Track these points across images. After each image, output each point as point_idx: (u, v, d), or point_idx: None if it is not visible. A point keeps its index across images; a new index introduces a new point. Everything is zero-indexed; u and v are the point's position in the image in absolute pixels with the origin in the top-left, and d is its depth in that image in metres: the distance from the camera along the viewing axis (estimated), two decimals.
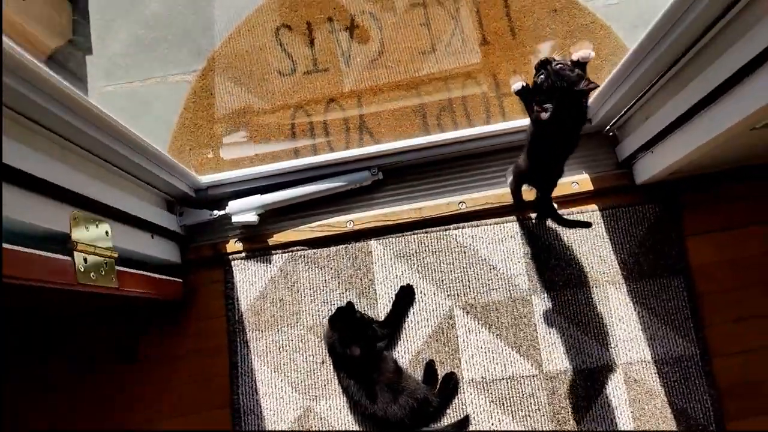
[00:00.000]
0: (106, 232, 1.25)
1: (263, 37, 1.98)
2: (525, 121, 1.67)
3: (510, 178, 1.61)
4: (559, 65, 1.18)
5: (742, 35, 1.05)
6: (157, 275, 1.50)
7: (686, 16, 1.13)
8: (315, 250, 1.71)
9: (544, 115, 1.18)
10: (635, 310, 1.61)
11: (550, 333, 1.62)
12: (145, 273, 1.43)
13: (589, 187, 1.68)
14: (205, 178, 1.68)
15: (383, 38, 1.94)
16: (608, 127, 1.69)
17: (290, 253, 1.71)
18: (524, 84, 1.27)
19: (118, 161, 1.32)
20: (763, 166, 1.60)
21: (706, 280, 1.62)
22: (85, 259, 1.15)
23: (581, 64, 1.21)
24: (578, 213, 1.68)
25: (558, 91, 1.17)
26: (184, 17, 2.05)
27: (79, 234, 1.15)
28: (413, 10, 1.96)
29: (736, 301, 1.60)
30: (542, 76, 1.20)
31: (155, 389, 1.65)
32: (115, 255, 1.25)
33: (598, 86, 1.21)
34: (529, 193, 1.61)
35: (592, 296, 1.63)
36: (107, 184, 1.30)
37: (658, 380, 1.57)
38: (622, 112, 1.58)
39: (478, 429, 1.57)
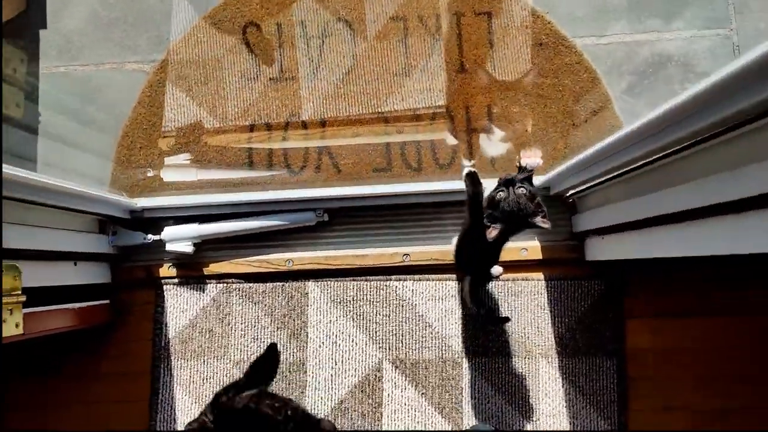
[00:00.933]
0: (15, 276, 1.19)
1: (229, 34, 1.84)
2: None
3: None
4: (522, 192, 1.12)
5: (712, 173, 0.96)
6: (77, 305, 1.46)
7: (661, 136, 1.04)
8: (251, 285, 1.67)
9: (493, 234, 1.13)
10: (563, 386, 1.60)
11: (475, 398, 1.61)
12: (62, 307, 1.38)
13: (538, 255, 1.63)
14: (141, 201, 1.61)
15: (356, 53, 1.81)
16: (569, 194, 1.62)
17: (225, 285, 1.67)
18: (475, 171, 1.22)
19: (38, 201, 1.24)
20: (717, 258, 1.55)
21: (639, 365, 1.60)
22: None
23: (528, 171, 1.16)
24: (523, 280, 1.64)
25: (512, 217, 1.12)
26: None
27: None
28: (392, 23, 1.82)
29: (666, 390, 1.59)
30: (501, 194, 1.15)
31: (74, 406, 1.63)
32: (23, 299, 1.20)
33: (549, 227, 1.15)
34: None
35: (523, 367, 1.62)
36: (20, 224, 1.23)
37: None
38: (583, 187, 1.51)
39: None
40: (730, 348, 1.58)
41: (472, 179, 1.23)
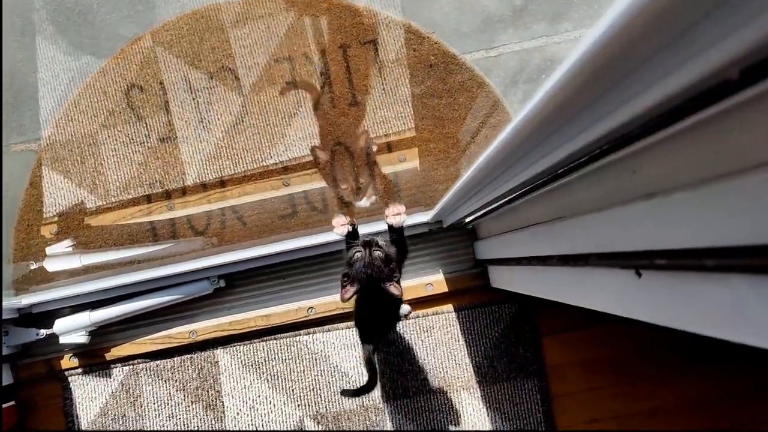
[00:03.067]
0: None
1: (109, 103, 1.77)
2: (376, 226, 1.56)
3: None
4: (378, 255, 1.07)
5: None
6: None
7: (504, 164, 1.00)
8: (158, 362, 1.61)
9: (346, 296, 1.08)
10: (488, 416, 1.58)
11: None
12: None
13: (444, 288, 1.60)
14: (27, 298, 1.55)
15: (241, 106, 1.76)
16: (466, 222, 1.58)
17: (131, 366, 1.61)
18: (351, 228, 1.18)
19: None
20: None
21: (561, 381, 1.58)
22: None
23: (396, 228, 1.13)
24: (432, 314, 1.61)
25: (367, 278, 1.07)
26: (24, 77, 1.82)
27: None
28: (277, 66, 1.76)
29: (590, 402, 1.57)
30: (358, 254, 1.09)
31: None
32: None
33: (399, 294, 1.10)
34: None
35: (446, 402, 1.59)
36: None
37: None
38: (471, 218, 1.48)
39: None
40: (641, 351, 1.56)
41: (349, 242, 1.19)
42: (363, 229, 1.37)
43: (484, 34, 1.83)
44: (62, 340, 1.52)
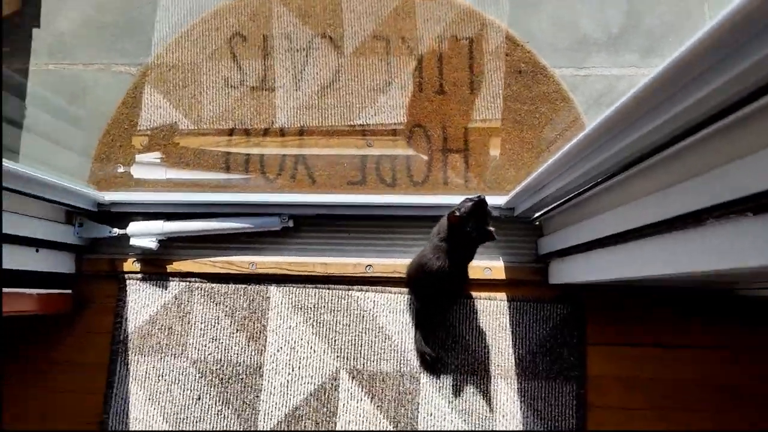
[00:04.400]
0: None
1: (215, 41, 1.87)
2: (447, 199, 1.60)
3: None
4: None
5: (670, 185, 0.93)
6: (38, 291, 1.46)
7: (614, 143, 1.02)
8: (213, 285, 1.66)
9: (455, 215, 1.28)
10: (521, 409, 1.57)
11: (431, 415, 1.58)
12: (22, 291, 1.38)
13: (502, 276, 1.62)
14: (109, 195, 1.62)
15: (339, 67, 1.84)
16: (534, 217, 1.61)
17: (187, 283, 1.67)
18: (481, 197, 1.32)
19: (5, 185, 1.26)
20: (681, 288, 1.54)
21: (599, 392, 1.57)
22: None
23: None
24: (485, 299, 1.62)
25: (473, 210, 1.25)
26: (140, 5, 1.94)
27: None
28: (375, 42, 1.85)
29: (623, 420, 1.56)
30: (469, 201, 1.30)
31: (27, 392, 1.63)
32: None
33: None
34: None
35: (482, 386, 1.59)
36: None
37: None
38: (544, 210, 1.50)
39: None
40: (686, 380, 1.55)
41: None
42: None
43: (577, 53, 1.88)
44: (132, 241, 1.59)
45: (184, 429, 1.59)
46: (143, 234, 1.59)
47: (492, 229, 1.31)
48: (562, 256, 1.47)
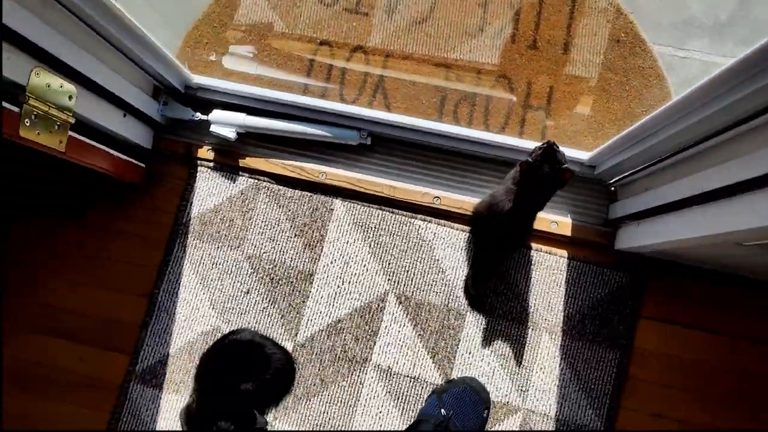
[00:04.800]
0: (70, 96, 1.23)
1: None
2: (526, 144, 1.59)
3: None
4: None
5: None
6: (118, 154, 1.49)
7: (717, 101, 1.02)
8: (280, 188, 1.68)
9: (528, 159, 1.26)
10: (560, 366, 1.57)
11: (469, 353, 1.59)
12: (104, 148, 1.42)
13: (567, 232, 1.60)
14: (198, 78, 1.64)
15: (434, 4, 1.83)
16: (611, 181, 1.59)
17: (256, 181, 1.69)
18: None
19: (106, 34, 1.28)
20: (741, 278, 1.51)
21: (641, 365, 1.56)
22: (35, 115, 1.14)
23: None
24: (546, 253, 1.62)
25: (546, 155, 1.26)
26: None
27: (36, 89, 1.13)
28: None
29: (661, 397, 1.55)
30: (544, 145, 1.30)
31: (87, 255, 1.68)
32: (71, 120, 1.24)
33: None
34: None
35: (525, 337, 1.59)
36: (86, 51, 1.26)
37: None
38: (627, 173, 1.48)
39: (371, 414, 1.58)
40: (732, 369, 1.53)
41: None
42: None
43: (680, 33, 1.83)
44: (213, 128, 1.61)
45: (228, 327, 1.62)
46: (224, 123, 1.61)
47: (567, 166, 1.30)
48: (637, 219, 1.45)
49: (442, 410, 1.48)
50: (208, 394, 1.52)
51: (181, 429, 1.54)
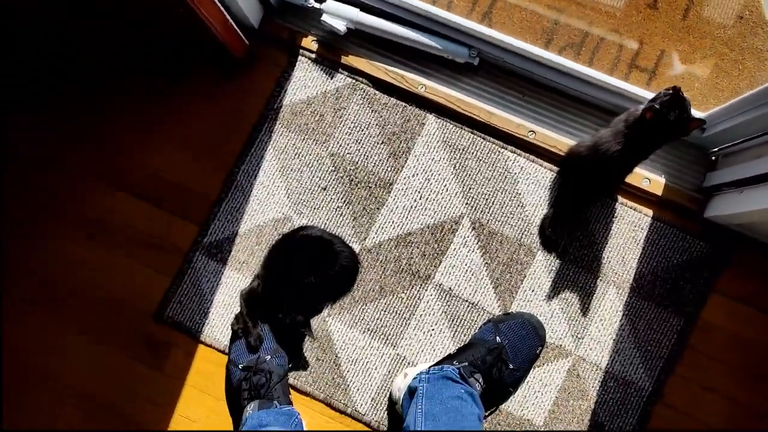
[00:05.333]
0: None
1: None
2: (640, 92, 1.55)
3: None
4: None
5: None
6: (230, 20, 1.48)
7: None
8: (376, 92, 1.67)
9: (652, 106, 1.24)
10: (620, 321, 1.56)
11: (532, 291, 1.59)
12: (221, 6, 1.41)
13: (658, 192, 1.57)
14: None
15: None
16: (715, 149, 1.55)
17: (354, 81, 1.67)
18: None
19: None
20: None
21: (702, 338, 1.55)
22: None
23: None
24: (630, 208, 1.59)
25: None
26: None
27: None
28: None
29: (715, 372, 1.53)
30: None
31: (174, 121, 1.69)
32: None
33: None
34: None
35: (592, 286, 1.58)
36: None
37: (597, 388, 1.55)
38: (738, 141, 1.44)
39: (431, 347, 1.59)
40: None
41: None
42: None
43: None
44: (325, 17, 1.59)
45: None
46: (337, 14, 1.59)
47: (695, 114, 1.26)
48: (742, 186, 1.41)
49: (498, 338, 1.48)
50: (273, 281, 1.54)
51: (239, 308, 1.56)
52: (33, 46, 1.70)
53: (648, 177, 1.57)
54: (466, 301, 1.59)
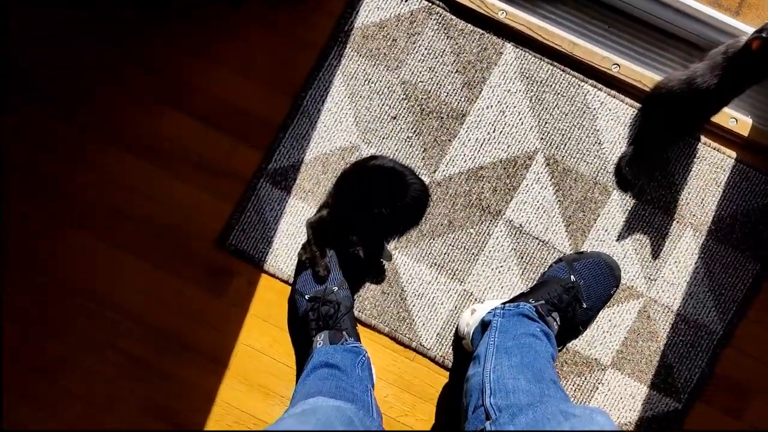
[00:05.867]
0: None
1: None
2: (735, 24, 1.47)
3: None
4: None
5: None
6: None
7: None
8: (453, 18, 1.58)
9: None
10: (695, 264, 1.53)
11: (606, 231, 1.55)
12: None
13: (744, 133, 1.51)
14: None
15: None
16: None
17: (430, 4, 1.59)
18: None
19: None
20: None
21: None
22: None
23: None
24: (713, 149, 1.54)
25: None
26: None
27: None
28: None
29: None
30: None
31: (239, 45, 1.61)
32: None
33: None
34: None
35: (667, 227, 1.54)
36: None
37: (668, 330, 1.52)
38: None
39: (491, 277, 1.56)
40: None
41: None
42: None
43: None
44: None
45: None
46: None
47: None
48: None
49: (572, 276, 1.45)
50: (342, 211, 1.49)
51: (307, 237, 1.52)
52: None
53: (735, 117, 1.51)
54: (537, 238, 1.55)
